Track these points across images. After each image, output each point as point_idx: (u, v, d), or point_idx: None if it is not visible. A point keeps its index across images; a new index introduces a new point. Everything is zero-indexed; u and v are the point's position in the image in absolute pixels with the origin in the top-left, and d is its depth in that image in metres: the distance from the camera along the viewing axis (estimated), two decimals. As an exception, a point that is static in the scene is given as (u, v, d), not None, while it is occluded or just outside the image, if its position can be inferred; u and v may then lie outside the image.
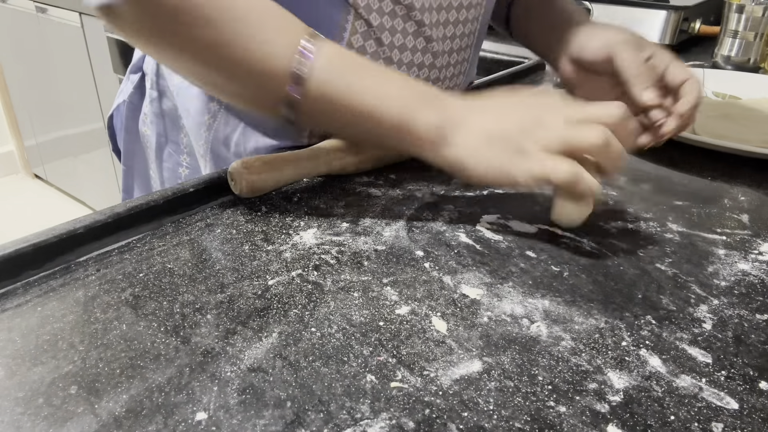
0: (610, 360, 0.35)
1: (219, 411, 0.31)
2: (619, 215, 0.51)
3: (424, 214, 0.50)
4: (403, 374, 0.34)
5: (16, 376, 0.33)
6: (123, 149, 0.75)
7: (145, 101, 0.70)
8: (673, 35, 1.04)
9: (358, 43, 0.56)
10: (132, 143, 0.74)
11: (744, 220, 0.51)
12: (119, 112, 0.74)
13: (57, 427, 0.30)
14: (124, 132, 0.74)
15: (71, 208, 2.52)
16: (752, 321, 0.39)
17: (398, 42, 0.57)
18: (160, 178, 0.71)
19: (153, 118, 0.69)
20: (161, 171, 0.70)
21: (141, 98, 0.71)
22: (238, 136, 0.61)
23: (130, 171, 0.75)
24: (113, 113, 0.75)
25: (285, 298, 0.40)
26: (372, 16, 0.54)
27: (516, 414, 0.31)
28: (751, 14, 0.96)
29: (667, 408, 0.32)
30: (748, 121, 0.70)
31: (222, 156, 0.63)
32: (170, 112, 0.67)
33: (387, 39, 0.56)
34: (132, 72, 0.72)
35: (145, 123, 0.70)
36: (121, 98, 0.73)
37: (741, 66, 0.99)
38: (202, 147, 0.64)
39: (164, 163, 0.70)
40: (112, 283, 0.41)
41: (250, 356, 0.35)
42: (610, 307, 0.40)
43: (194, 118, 0.64)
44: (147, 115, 0.70)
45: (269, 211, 0.50)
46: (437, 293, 0.41)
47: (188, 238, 0.46)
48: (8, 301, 0.39)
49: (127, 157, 0.75)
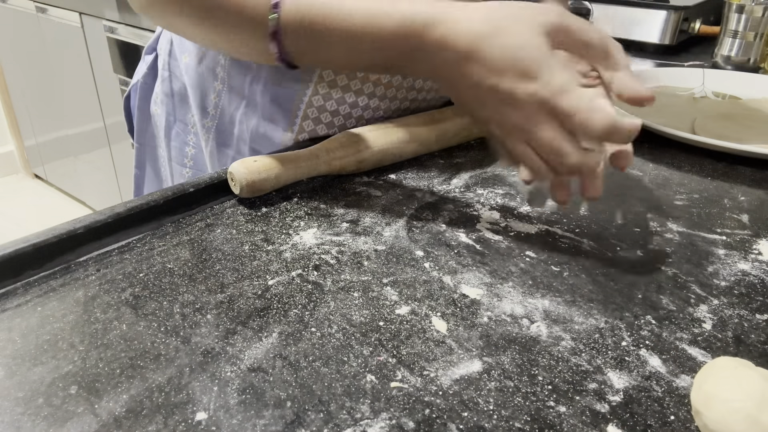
0: (610, 360, 0.35)
1: (219, 411, 0.31)
2: (619, 215, 0.51)
3: (424, 214, 0.50)
4: (403, 374, 0.34)
5: (16, 376, 0.33)
6: (136, 127, 0.76)
7: (157, 81, 0.71)
8: (673, 35, 1.04)
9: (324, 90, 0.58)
10: (144, 122, 0.75)
11: (744, 220, 0.51)
12: (135, 92, 0.75)
13: (57, 427, 0.30)
14: (137, 111, 0.75)
15: (71, 208, 2.52)
16: (752, 321, 0.39)
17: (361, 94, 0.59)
18: (168, 157, 0.73)
19: (163, 98, 0.70)
20: (169, 150, 0.72)
21: (154, 78, 0.73)
22: (241, 115, 0.63)
23: (142, 148, 0.77)
24: (129, 93, 0.76)
25: (285, 298, 0.40)
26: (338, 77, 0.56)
27: (516, 414, 0.31)
28: (751, 14, 0.96)
29: (667, 408, 0.32)
30: (748, 121, 0.70)
31: (227, 132, 0.64)
32: (179, 92, 0.69)
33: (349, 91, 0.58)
34: (146, 53, 0.73)
35: (155, 103, 0.72)
36: (136, 78, 0.74)
37: (741, 66, 0.99)
38: (207, 124, 0.65)
39: (172, 142, 0.71)
40: (112, 283, 0.41)
41: (250, 356, 0.35)
42: (610, 307, 0.40)
43: (201, 97, 0.65)
44: (158, 95, 0.71)
45: (269, 211, 0.50)
46: (437, 293, 0.41)
47: (188, 238, 0.46)
48: (8, 301, 0.39)
49: (140, 135, 0.76)
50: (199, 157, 0.69)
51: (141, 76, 0.73)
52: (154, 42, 0.73)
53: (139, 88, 0.74)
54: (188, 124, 0.69)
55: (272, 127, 0.61)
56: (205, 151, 0.67)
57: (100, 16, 1.78)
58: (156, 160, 0.76)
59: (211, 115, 0.65)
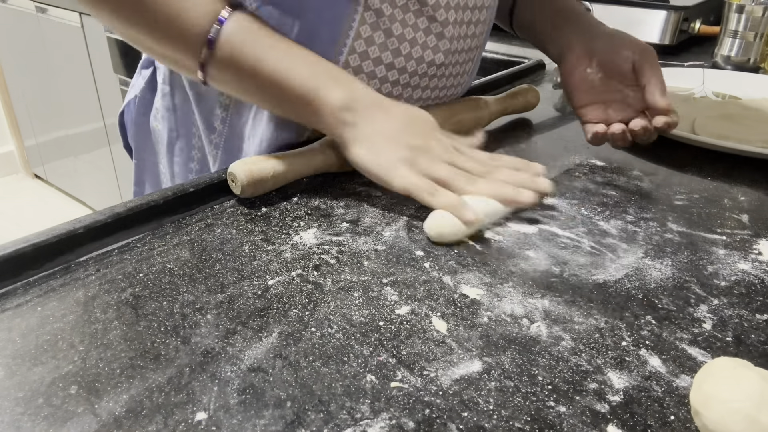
0: (610, 360, 0.35)
1: (219, 411, 0.31)
2: (619, 215, 0.51)
3: (424, 214, 0.50)
4: (403, 374, 0.34)
5: (16, 376, 0.33)
6: (134, 144, 0.75)
7: (157, 96, 0.70)
8: (673, 35, 1.04)
9: (366, 33, 0.56)
10: (143, 138, 0.74)
11: (744, 220, 0.51)
12: (129, 108, 0.74)
13: (57, 427, 0.30)
14: (134, 127, 0.74)
15: (71, 208, 2.52)
16: (752, 321, 0.39)
17: (409, 36, 0.58)
18: (170, 173, 0.71)
19: (164, 113, 0.69)
20: (172, 166, 0.71)
21: (152, 93, 0.71)
22: (249, 129, 0.62)
23: (141, 164, 0.76)
24: (124, 109, 0.75)
25: (285, 298, 0.40)
26: (384, 6, 0.55)
27: (516, 414, 0.31)
28: (751, 14, 0.96)
29: (667, 408, 0.32)
30: (748, 121, 0.70)
31: (236, 147, 0.64)
32: (182, 107, 0.67)
33: (397, 30, 0.57)
34: (143, 67, 0.72)
35: (156, 118, 0.71)
36: (132, 93, 0.73)
37: (741, 66, 0.99)
38: (215, 140, 0.64)
39: (175, 157, 0.70)
40: (112, 283, 0.41)
41: (250, 356, 0.35)
42: (610, 307, 0.40)
43: (207, 111, 0.64)
44: (158, 110, 0.70)
45: (269, 211, 0.50)
46: (437, 293, 0.41)
47: (188, 238, 0.46)
48: (8, 301, 0.39)
49: (138, 151, 0.75)
50: (205, 172, 0.68)
51: (138, 91, 0.72)
52: None
53: (136, 103, 0.72)
54: (192, 138, 0.68)
55: (283, 135, 0.61)
56: (213, 168, 0.66)
57: (100, 16, 1.78)
58: (156, 177, 0.75)
59: (218, 131, 0.64)
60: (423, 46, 0.59)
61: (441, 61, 0.60)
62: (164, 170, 0.72)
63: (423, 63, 0.59)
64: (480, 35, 0.64)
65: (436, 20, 0.58)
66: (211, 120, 0.64)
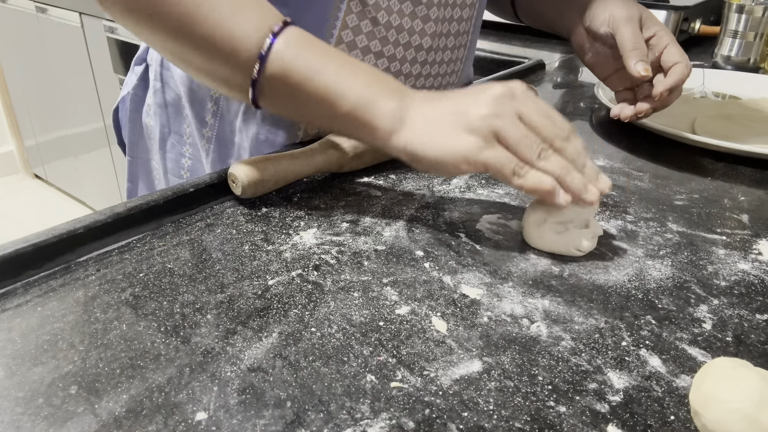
0: (610, 360, 0.35)
1: (219, 411, 0.31)
2: (619, 215, 0.51)
3: (424, 214, 0.50)
4: (403, 374, 0.34)
5: (16, 376, 0.33)
6: (127, 140, 0.75)
7: (149, 92, 0.70)
8: (673, 35, 1.04)
9: (353, 23, 0.56)
10: (136, 135, 0.74)
11: (744, 220, 0.51)
12: (124, 105, 0.74)
13: (57, 427, 0.30)
14: (128, 123, 0.74)
15: (71, 208, 2.52)
16: (752, 321, 0.39)
17: (395, 22, 0.58)
18: (163, 169, 0.72)
19: (156, 109, 0.69)
20: (164, 161, 0.71)
21: (145, 90, 0.71)
22: (240, 123, 0.62)
23: (134, 161, 0.76)
24: (118, 106, 0.76)
25: (285, 298, 0.40)
26: None
27: (516, 414, 0.31)
28: (751, 14, 0.96)
29: (667, 408, 0.32)
30: (748, 121, 0.70)
31: (228, 140, 0.64)
32: (173, 103, 0.68)
33: (383, 18, 0.57)
34: (136, 64, 0.72)
35: (148, 114, 0.71)
36: (126, 90, 0.73)
37: (741, 66, 0.99)
38: (207, 134, 0.64)
39: (167, 153, 0.70)
40: (112, 283, 0.41)
41: (250, 356, 0.35)
42: (610, 307, 0.40)
43: (199, 105, 0.64)
44: (150, 107, 0.70)
45: (269, 211, 0.50)
46: (437, 293, 0.41)
47: (188, 238, 0.46)
48: (8, 301, 0.39)
49: (132, 148, 0.75)
50: (197, 167, 0.68)
51: (131, 88, 0.72)
52: (143, 52, 0.71)
53: (129, 100, 0.72)
54: (184, 134, 0.68)
55: (274, 131, 0.61)
56: (206, 162, 0.67)
57: (100, 16, 1.78)
58: (149, 173, 0.75)
59: (209, 125, 0.64)
60: (410, 32, 0.59)
61: (429, 44, 0.61)
62: (156, 166, 0.73)
63: (411, 48, 0.60)
64: (468, 19, 0.64)
65: (420, 2, 0.58)
66: (202, 114, 0.64)
